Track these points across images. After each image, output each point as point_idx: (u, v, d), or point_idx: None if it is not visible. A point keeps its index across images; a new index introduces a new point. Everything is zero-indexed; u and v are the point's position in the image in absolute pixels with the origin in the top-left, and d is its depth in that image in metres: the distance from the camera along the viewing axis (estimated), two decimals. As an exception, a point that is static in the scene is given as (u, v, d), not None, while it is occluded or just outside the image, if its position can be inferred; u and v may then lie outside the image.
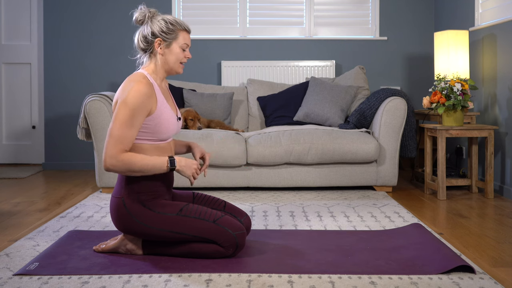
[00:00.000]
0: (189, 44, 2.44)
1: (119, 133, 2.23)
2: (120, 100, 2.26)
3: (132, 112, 2.24)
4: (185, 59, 2.44)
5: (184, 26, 2.42)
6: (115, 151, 2.21)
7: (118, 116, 2.24)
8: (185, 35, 2.41)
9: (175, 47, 2.39)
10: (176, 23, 2.40)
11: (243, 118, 4.77)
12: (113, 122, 2.24)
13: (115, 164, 2.21)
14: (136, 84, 2.27)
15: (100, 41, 5.29)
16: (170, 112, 2.39)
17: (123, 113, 2.24)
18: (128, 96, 2.24)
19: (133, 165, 2.22)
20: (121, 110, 2.24)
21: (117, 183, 2.38)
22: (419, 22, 5.32)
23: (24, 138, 5.54)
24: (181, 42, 2.40)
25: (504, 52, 3.91)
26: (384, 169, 4.01)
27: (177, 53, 2.40)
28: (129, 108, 2.24)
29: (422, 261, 2.30)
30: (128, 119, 2.23)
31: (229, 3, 5.28)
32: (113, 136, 2.23)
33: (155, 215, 2.30)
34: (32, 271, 2.18)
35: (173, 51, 2.39)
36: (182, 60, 2.43)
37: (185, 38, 2.41)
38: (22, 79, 5.52)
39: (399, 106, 3.97)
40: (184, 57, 2.43)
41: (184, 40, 2.41)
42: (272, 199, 3.73)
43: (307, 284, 2.05)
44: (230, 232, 2.29)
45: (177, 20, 2.42)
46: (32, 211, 3.40)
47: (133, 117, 2.24)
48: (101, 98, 3.95)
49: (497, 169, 3.99)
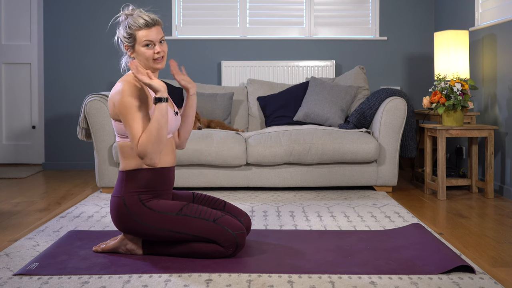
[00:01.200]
0: (153, 39, 2.34)
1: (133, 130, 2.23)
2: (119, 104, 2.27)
3: (134, 108, 2.25)
4: (155, 55, 2.35)
5: (139, 24, 2.32)
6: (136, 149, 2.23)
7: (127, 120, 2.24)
8: (144, 32, 2.33)
9: (138, 48, 2.35)
10: (133, 24, 2.33)
11: (243, 118, 4.77)
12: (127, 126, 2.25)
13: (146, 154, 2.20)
14: (124, 83, 2.29)
15: (100, 41, 5.29)
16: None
17: (129, 116, 2.24)
18: (123, 97, 2.26)
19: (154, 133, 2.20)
20: (126, 114, 2.25)
21: (117, 183, 2.38)
22: (419, 22, 5.32)
23: (24, 138, 5.54)
24: (142, 42, 2.33)
25: (504, 52, 3.91)
26: (384, 169, 4.01)
27: (143, 53, 2.35)
28: (129, 107, 2.25)
29: (422, 261, 2.30)
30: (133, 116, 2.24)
31: (229, 3, 5.28)
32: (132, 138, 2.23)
33: (155, 215, 2.30)
34: (32, 271, 2.18)
35: (139, 52, 2.36)
36: (153, 57, 2.35)
37: (144, 35, 2.33)
38: (22, 79, 5.52)
39: (399, 106, 3.97)
40: (154, 53, 2.35)
41: (144, 37, 2.33)
42: (272, 199, 3.73)
43: (307, 284, 2.05)
44: (230, 232, 2.29)
45: (136, 19, 2.34)
46: (32, 211, 3.40)
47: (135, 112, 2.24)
48: (101, 98, 3.95)
49: (497, 169, 3.99)
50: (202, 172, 3.96)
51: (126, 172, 2.36)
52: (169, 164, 2.43)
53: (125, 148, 2.36)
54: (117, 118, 2.34)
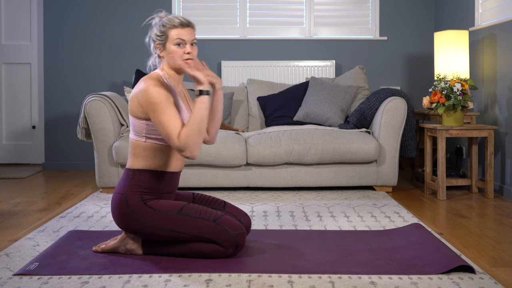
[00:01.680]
0: (186, 38, 2.34)
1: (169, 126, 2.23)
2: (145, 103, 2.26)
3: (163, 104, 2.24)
4: (185, 55, 2.35)
5: (174, 23, 2.34)
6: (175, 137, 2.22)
7: (160, 116, 2.24)
8: (177, 31, 2.34)
9: (169, 46, 2.35)
10: (168, 22, 2.35)
11: (243, 118, 4.77)
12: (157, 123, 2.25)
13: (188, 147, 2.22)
14: (150, 81, 2.28)
15: (100, 41, 5.29)
16: (186, 114, 2.40)
17: (162, 112, 2.24)
18: (150, 95, 2.25)
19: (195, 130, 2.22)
20: (158, 110, 2.24)
21: (122, 179, 2.39)
22: (419, 22, 5.32)
23: (24, 138, 5.54)
24: (174, 39, 2.34)
25: (504, 52, 3.91)
26: (384, 169, 4.01)
27: (174, 51, 2.35)
28: (160, 103, 2.24)
29: (422, 261, 2.30)
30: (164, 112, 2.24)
31: (229, 3, 5.28)
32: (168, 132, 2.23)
33: (156, 214, 2.31)
34: (32, 271, 2.18)
35: (169, 50, 2.36)
36: (182, 57, 2.35)
37: (177, 34, 2.34)
38: (22, 79, 5.52)
39: (399, 106, 3.97)
40: (184, 53, 2.35)
41: (176, 36, 2.34)
42: (272, 199, 3.73)
43: (307, 284, 2.05)
44: (230, 232, 2.29)
45: (172, 19, 2.36)
46: (32, 211, 3.40)
47: (166, 107, 2.24)
48: (101, 98, 3.95)
49: (497, 169, 3.99)
50: (202, 172, 3.96)
51: (133, 171, 2.36)
52: (177, 169, 2.44)
53: (138, 148, 2.36)
54: (139, 116, 2.33)
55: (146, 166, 2.36)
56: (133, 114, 2.35)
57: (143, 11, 5.26)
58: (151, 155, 2.35)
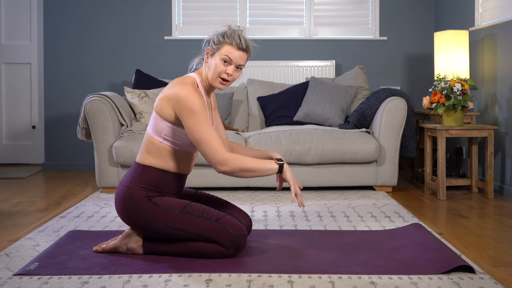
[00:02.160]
0: (234, 60, 2.34)
1: (208, 136, 2.24)
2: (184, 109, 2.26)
3: (202, 113, 2.25)
4: (224, 74, 2.34)
5: (233, 40, 2.34)
6: (221, 153, 2.24)
7: (195, 125, 2.24)
8: (231, 49, 2.34)
9: (216, 57, 2.35)
10: (228, 37, 2.35)
11: (243, 118, 4.77)
12: (195, 131, 2.25)
13: (225, 170, 2.25)
14: (185, 87, 2.28)
15: (100, 41, 5.29)
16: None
17: (197, 120, 2.24)
18: (188, 102, 2.25)
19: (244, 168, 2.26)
20: (192, 118, 2.24)
21: (129, 172, 2.39)
22: (419, 22, 5.32)
23: (24, 138, 5.54)
24: (223, 54, 2.34)
25: (504, 52, 3.91)
26: (384, 169, 4.01)
27: (217, 64, 2.34)
28: (196, 112, 2.25)
29: (422, 261, 2.30)
30: (203, 120, 2.25)
31: (229, 3, 5.28)
32: (207, 142, 2.24)
33: (159, 211, 2.31)
34: (32, 271, 2.18)
35: (214, 61, 2.35)
36: (221, 74, 2.34)
37: (228, 51, 2.33)
38: (22, 79, 5.52)
39: (399, 106, 3.97)
40: (224, 72, 2.34)
41: (226, 52, 2.33)
42: (272, 199, 3.73)
43: (307, 284, 2.05)
44: (232, 232, 2.29)
45: (234, 36, 2.35)
46: (32, 211, 3.40)
47: (205, 116, 2.26)
48: (101, 98, 3.95)
49: (497, 169, 3.99)
50: (202, 172, 3.96)
51: (143, 166, 2.37)
52: (185, 172, 2.46)
53: (152, 145, 2.37)
54: (166, 118, 2.33)
55: (156, 165, 2.36)
56: (160, 114, 2.34)
57: (143, 11, 5.26)
58: (164, 155, 2.36)
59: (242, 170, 2.26)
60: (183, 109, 2.26)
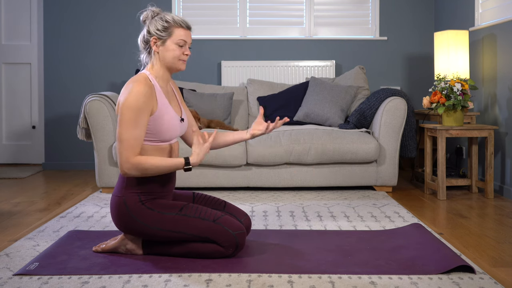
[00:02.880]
0: (187, 41, 2.38)
1: (127, 136, 2.24)
2: (121, 103, 2.27)
3: (135, 113, 2.24)
4: (183, 56, 2.38)
5: (180, 23, 2.37)
6: (127, 156, 2.24)
7: (122, 120, 2.25)
8: (181, 31, 2.36)
9: (169, 44, 2.36)
10: (172, 20, 2.36)
11: (243, 118, 4.77)
12: (119, 126, 2.26)
13: (130, 169, 2.25)
14: (135, 85, 2.27)
15: (100, 41, 5.29)
16: (172, 113, 2.39)
17: (126, 116, 2.24)
18: (128, 98, 2.25)
19: (147, 170, 2.25)
20: (124, 113, 2.25)
21: (118, 182, 2.38)
22: (419, 22, 5.32)
23: (24, 138, 5.54)
24: (176, 39, 2.35)
25: (504, 52, 3.91)
26: (384, 169, 4.01)
27: (173, 50, 2.36)
28: (131, 110, 2.24)
29: (422, 261, 2.30)
30: (132, 120, 2.24)
31: (229, 3, 5.28)
32: (123, 141, 2.24)
33: (155, 215, 2.30)
34: (32, 271, 2.18)
35: (168, 48, 2.36)
36: (180, 57, 2.38)
37: (181, 35, 2.36)
38: (22, 79, 5.52)
39: (399, 106, 3.97)
40: (182, 54, 2.38)
41: (179, 36, 2.36)
42: (272, 199, 3.73)
43: (307, 284, 2.05)
44: (230, 232, 2.29)
45: (175, 18, 2.37)
46: (32, 211, 3.40)
47: (137, 117, 2.25)
48: (101, 98, 3.95)
49: (497, 169, 3.99)
50: (202, 172, 3.96)
51: None
52: None
53: None
54: None
55: None
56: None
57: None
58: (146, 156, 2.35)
59: (148, 173, 2.27)
60: (121, 104, 2.27)
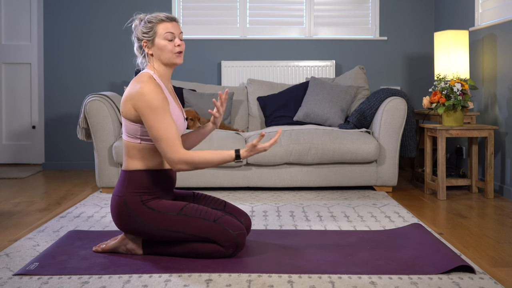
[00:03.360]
0: (174, 32, 2.36)
1: (165, 135, 2.24)
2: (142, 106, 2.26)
3: (161, 111, 2.25)
4: (176, 48, 2.36)
5: (160, 18, 2.36)
6: (174, 152, 2.24)
7: (154, 122, 2.24)
8: (164, 25, 2.35)
9: (158, 41, 2.36)
10: (153, 18, 2.36)
11: (243, 118, 4.77)
12: (154, 129, 2.25)
13: (181, 164, 2.26)
14: (145, 85, 2.28)
15: (100, 41, 5.29)
16: (178, 112, 2.41)
17: (154, 117, 2.24)
18: (147, 99, 2.25)
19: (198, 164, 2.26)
20: (152, 115, 2.24)
21: (119, 182, 2.38)
22: (419, 22, 5.32)
23: (24, 138, 5.54)
24: (163, 34, 2.35)
25: (504, 52, 3.91)
26: (384, 169, 4.01)
27: (164, 46, 2.35)
28: (156, 109, 2.24)
29: (422, 261, 2.30)
30: (163, 118, 2.24)
31: (229, 3, 5.28)
32: (162, 140, 2.24)
33: (156, 214, 2.31)
34: (32, 271, 2.18)
35: (159, 45, 2.36)
36: (173, 50, 2.36)
37: (165, 28, 2.35)
38: (22, 79, 5.52)
39: (399, 106, 3.97)
40: (174, 46, 2.36)
41: (165, 30, 2.35)
42: (272, 199, 3.73)
43: (307, 284, 2.05)
44: (231, 232, 2.29)
45: (157, 15, 2.37)
46: (32, 211, 3.40)
47: (164, 114, 2.25)
48: (101, 98, 3.95)
49: (497, 169, 3.99)
50: (202, 172, 3.96)
51: (129, 172, 2.36)
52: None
53: (133, 149, 2.36)
54: (132, 119, 2.33)
55: (142, 167, 2.35)
56: (127, 117, 2.34)
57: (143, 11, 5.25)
58: (147, 155, 2.36)
59: (200, 167, 2.27)
60: (142, 107, 2.26)
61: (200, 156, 2.25)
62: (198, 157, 2.25)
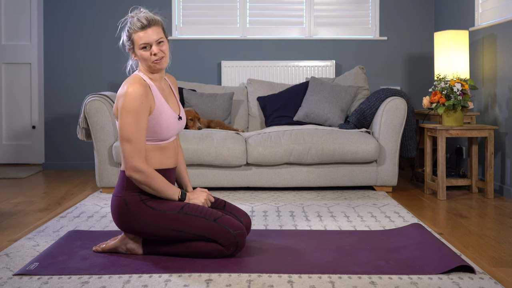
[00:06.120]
0: (148, 41, 2.34)
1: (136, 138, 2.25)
2: (120, 108, 2.28)
3: (135, 116, 2.25)
4: (153, 57, 2.35)
5: (136, 27, 2.35)
6: (133, 159, 2.26)
7: (124, 124, 2.26)
8: (139, 35, 2.35)
9: (137, 51, 2.38)
10: (130, 27, 2.36)
11: (243, 118, 4.77)
12: (121, 130, 2.26)
13: (135, 174, 2.27)
14: (129, 87, 2.29)
15: (100, 41, 5.29)
16: (169, 111, 2.40)
17: (127, 121, 2.25)
18: (125, 101, 2.26)
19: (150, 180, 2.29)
20: (125, 117, 2.26)
21: (118, 182, 2.39)
22: (419, 22, 5.32)
23: (24, 138, 5.54)
24: (138, 44, 2.35)
25: (504, 52, 3.91)
26: (384, 169, 4.01)
27: (142, 55, 2.36)
28: (130, 113, 2.25)
29: (422, 261, 2.30)
30: (134, 124, 2.25)
31: (229, 3, 5.28)
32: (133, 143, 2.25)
33: (156, 213, 2.31)
34: (32, 271, 2.18)
35: (138, 55, 2.38)
36: (150, 59, 2.36)
37: (139, 38, 2.34)
38: (22, 79, 5.52)
39: (399, 106, 3.97)
40: (151, 55, 2.35)
41: (139, 41, 2.35)
42: (272, 199, 3.73)
43: (307, 284, 2.05)
44: (231, 231, 2.29)
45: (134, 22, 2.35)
46: (32, 211, 3.40)
47: (137, 120, 2.26)
48: (101, 98, 3.95)
49: (497, 169, 3.99)
50: (202, 172, 3.96)
51: None
52: (170, 166, 2.44)
53: None
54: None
55: None
56: (116, 117, 2.36)
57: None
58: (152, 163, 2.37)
59: (148, 186, 2.30)
60: (120, 107, 2.27)
61: (155, 177, 2.28)
62: (153, 176, 2.28)
